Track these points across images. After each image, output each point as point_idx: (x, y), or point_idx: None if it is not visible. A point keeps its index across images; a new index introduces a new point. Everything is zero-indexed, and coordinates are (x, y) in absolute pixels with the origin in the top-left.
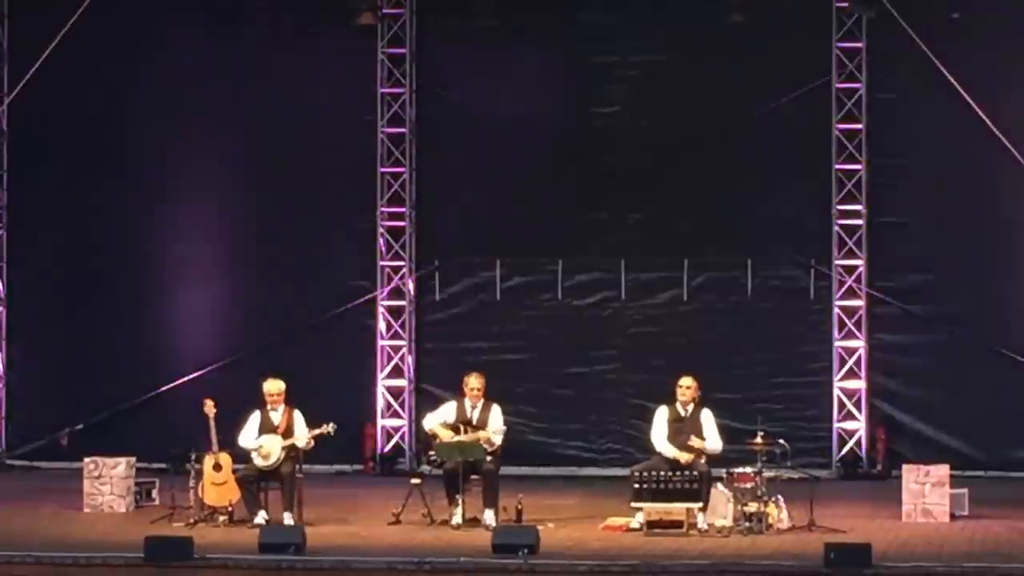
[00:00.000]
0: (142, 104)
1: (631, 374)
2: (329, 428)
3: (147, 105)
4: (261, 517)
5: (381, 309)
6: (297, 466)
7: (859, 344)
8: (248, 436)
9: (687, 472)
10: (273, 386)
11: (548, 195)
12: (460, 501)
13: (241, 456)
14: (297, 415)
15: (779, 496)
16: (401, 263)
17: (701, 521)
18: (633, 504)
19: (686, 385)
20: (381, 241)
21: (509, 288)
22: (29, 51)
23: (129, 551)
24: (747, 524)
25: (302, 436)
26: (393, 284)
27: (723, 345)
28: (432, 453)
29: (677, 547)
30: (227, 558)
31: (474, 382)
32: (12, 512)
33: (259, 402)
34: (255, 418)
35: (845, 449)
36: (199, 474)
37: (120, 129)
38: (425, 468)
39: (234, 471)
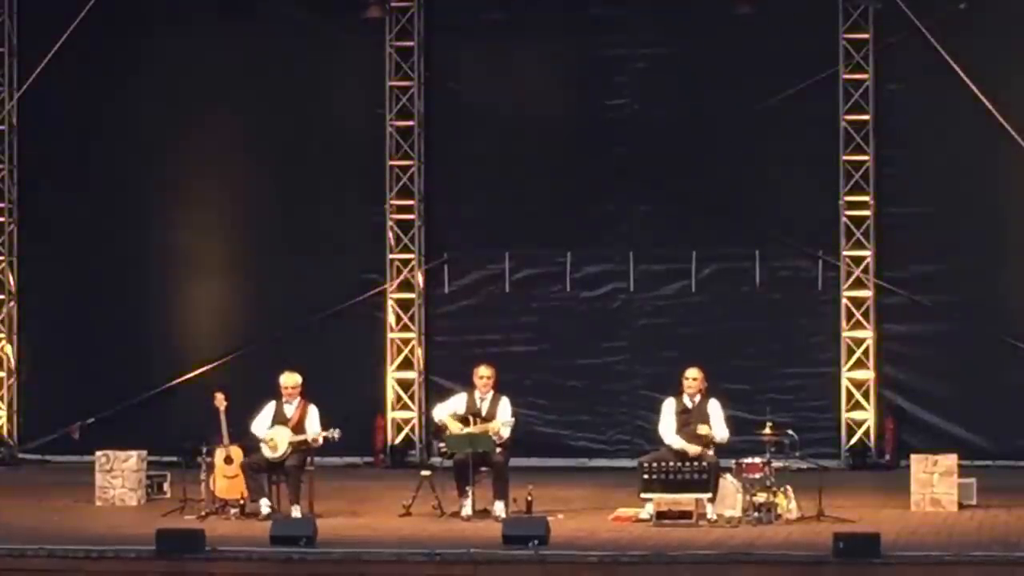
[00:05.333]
0: (151, 98)
1: (640, 365)
2: (334, 434)
3: (156, 99)
4: (264, 505)
5: (391, 301)
6: (308, 459)
7: (867, 334)
8: (261, 424)
9: (696, 463)
10: (289, 379)
11: (557, 187)
12: (470, 493)
13: (252, 447)
14: (312, 410)
15: (788, 486)
16: (410, 256)
17: (710, 511)
18: (642, 495)
19: (692, 377)
20: (390, 234)
21: (518, 280)
22: (38, 46)
23: (140, 544)
24: (756, 514)
25: (311, 432)
26: (402, 277)
27: (732, 336)
28: (442, 445)
29: (686, 538)
30: (238, 551)
31: (484, 371)
32: (24, 506)
33: (274, 394)
34: (270, 408)
35: (854, 439)
36: (210, 467)
37: (129, 123)
38: (435, 460)
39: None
